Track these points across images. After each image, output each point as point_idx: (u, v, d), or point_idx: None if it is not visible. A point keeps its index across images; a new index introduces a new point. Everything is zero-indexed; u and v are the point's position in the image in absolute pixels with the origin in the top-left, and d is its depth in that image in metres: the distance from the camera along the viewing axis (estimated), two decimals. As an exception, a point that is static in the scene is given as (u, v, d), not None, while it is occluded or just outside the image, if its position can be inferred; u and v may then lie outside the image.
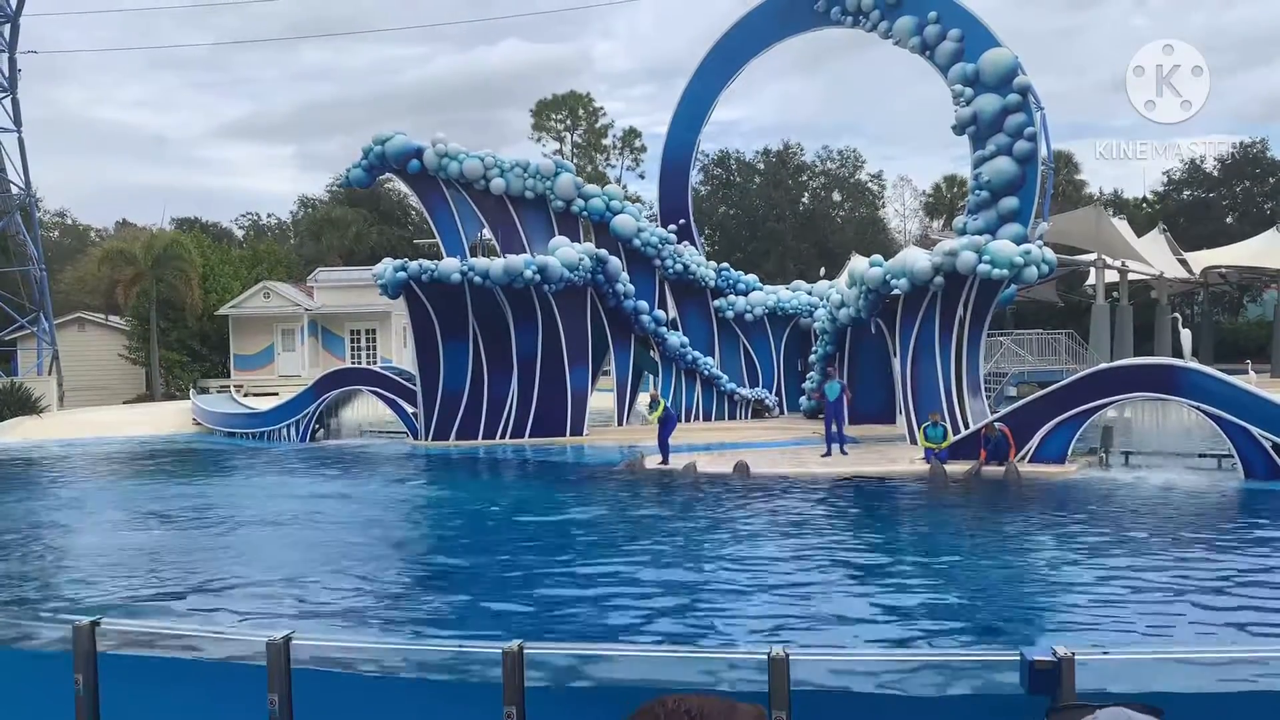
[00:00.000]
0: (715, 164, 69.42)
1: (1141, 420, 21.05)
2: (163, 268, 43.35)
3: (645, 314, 27.34)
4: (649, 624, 8.90)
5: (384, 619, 9.28)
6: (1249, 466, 17.09)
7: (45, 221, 60.91)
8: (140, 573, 11.42)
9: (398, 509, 16.91)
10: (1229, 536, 13.16)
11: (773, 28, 27.74)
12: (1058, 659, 4.47)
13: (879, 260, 23.18)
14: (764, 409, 29.01)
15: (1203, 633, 8.44)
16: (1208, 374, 18.04)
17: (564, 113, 71.74)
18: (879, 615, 9.12)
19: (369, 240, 62.36)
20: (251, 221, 76.63)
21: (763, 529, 13.58)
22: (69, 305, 48.25)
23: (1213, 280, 51.35)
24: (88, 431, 30.24)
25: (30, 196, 40.84)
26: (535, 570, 11.15)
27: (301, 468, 22.29)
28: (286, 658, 5.01)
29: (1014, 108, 22.89)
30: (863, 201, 72.86)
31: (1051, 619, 9.14)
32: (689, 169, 30.21)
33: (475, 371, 25.65)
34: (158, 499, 17.82)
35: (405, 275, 24.91)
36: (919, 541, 13.24)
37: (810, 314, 28.67)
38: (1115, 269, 39.75)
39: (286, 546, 12.85)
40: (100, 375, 45.55)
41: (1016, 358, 33.75)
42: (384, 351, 45.27)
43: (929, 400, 21.42)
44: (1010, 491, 16.89)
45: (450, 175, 28.25)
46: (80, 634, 5.34)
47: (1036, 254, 20.90)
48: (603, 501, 16.65)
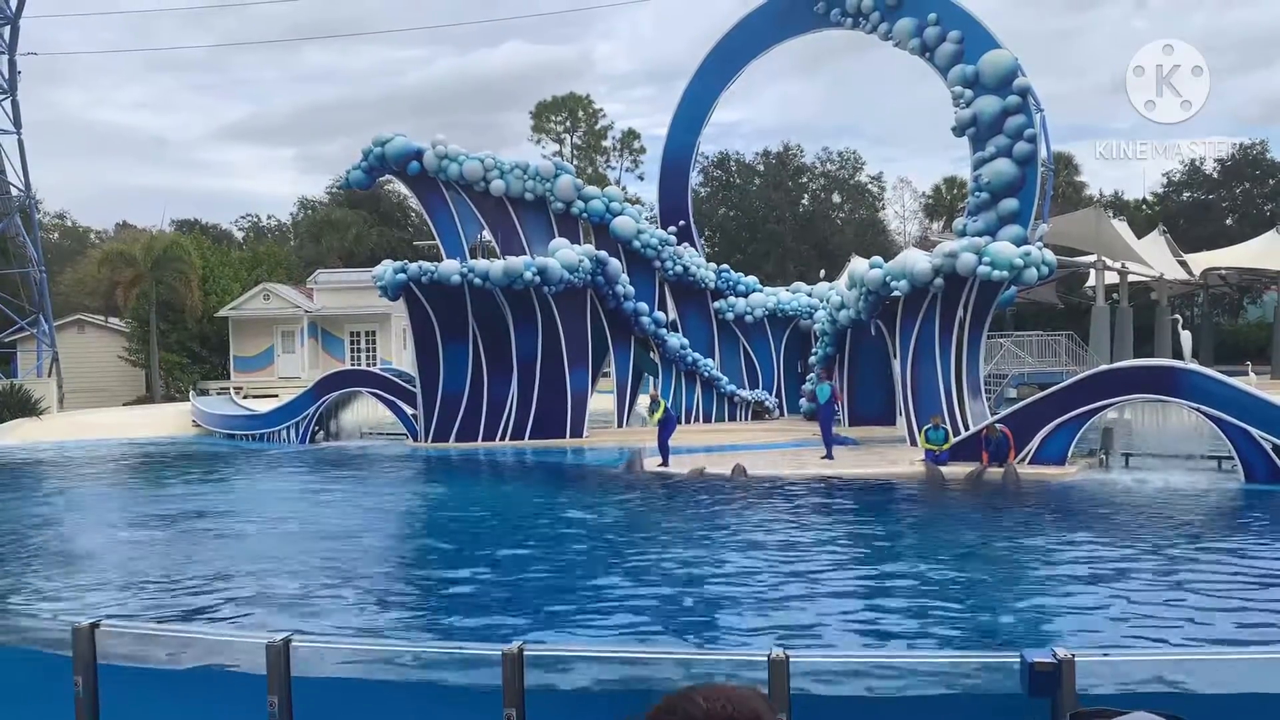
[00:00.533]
0: (715, 165, 69.43)
1: (1142, 422, 21.06)
2: (162, 270, 43.33)
3: (645, 315, 27.34)
4: (649, 626, 8.89)
5: (384, 621, 9.26)
6: (1249, 468, 17.08)
7: (45, 223, 60.91)
8: (138, 575, 11.41)
9: (397, 511, 16.90)
10: (1229, 539, 13.16)
11: (772, 29, 27.73)
12: (1058, 661, 4.47)
13: (879, 262, 23.19)
14: (764, 411, 29.00)
15: (1204, 635, 8.42)
16: (1208, 375, 18.03)
17: (563, 114, 71.75)
18: (877, 617, 9.11)
19: (369, 242, 62.35)
20: (251, 223, 76.65)
21: (755, 532, 13.56)
22: (69, 307, 48.25)
23: (1213, 282, 51.36)
24: (87, 433, 30.24)
25: (30, 198, 40.85)
26: (534, 572, 11.14)
27: (301, 470, 22.29)
28: (286, 660, 5.01)
29: (1014, 109, 22.89)
30: (862, 203, 72.86)
31: (1051, 620, 9.13)
32: (689, 170, 30.21)
33: (475, 373, 25.65)
34: (156, 501, 17.82)
35: (405, 277, 24.91)
36: (917, 544, 13.22)
37: (810, 316, 28.66)
38: (1115, 270, 39.75)
39: (285, 549, 12.84)
40: (100, 377, 45.52)
41: (1016, 359, 33.73)
42: (384, 353, 45.25)
43: (929, 401, 21.41)
44: (1010, 493, 16.88)
45: (450, 177, 28.25)
46: (80, 636, 5.34)
47: (1036, 255, 20.89)
48: (600, 504, 16.62)
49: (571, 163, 47.94)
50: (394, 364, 38.54)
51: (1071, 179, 65.33)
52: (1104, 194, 65.65)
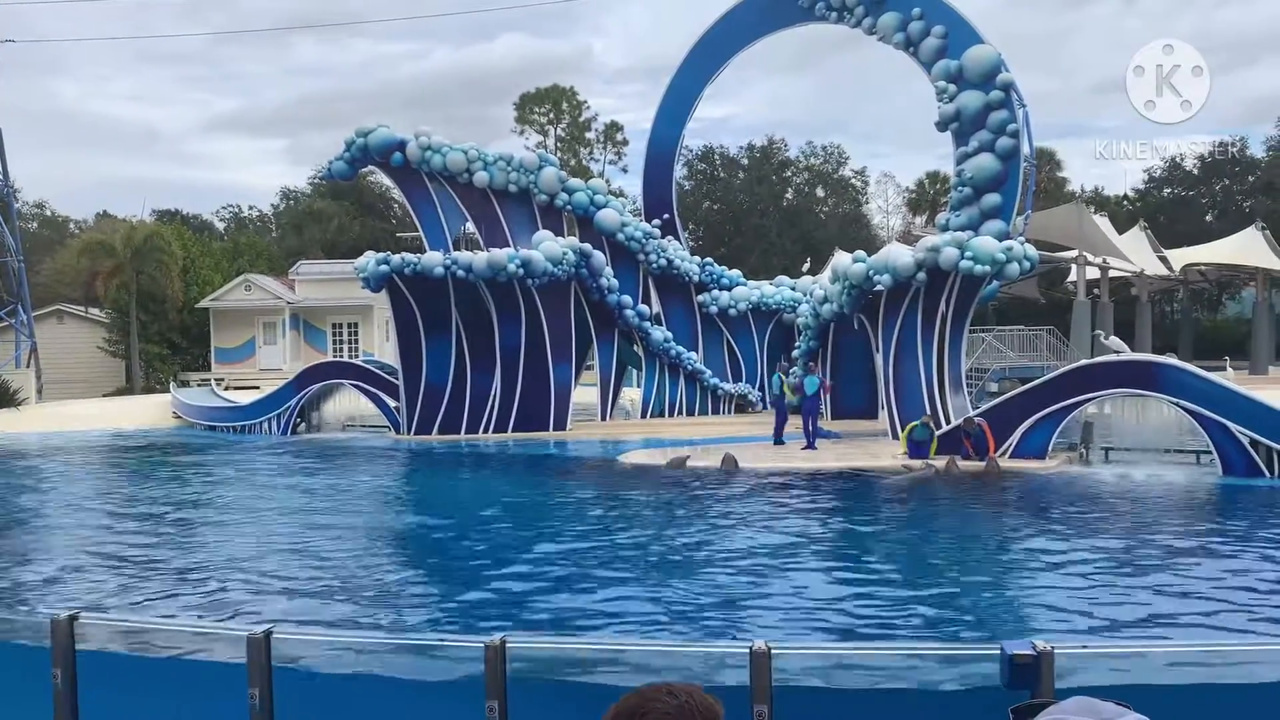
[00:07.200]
0: (699, 159, 69.42)
1: (1122, 416, 21.22)
2: (143, 260, 43.05)
3: (629, 309, 27.33)
4: (635, 618, 8.90)
5: (365, 613, 9.24)
6: (1227, 463, 17.24)
7: (24, 213, 60.38)
8: (117, 566, 11.34)
9: (379, 503, 16.85)
10: (1208, 532, 13.28)
11: (757, 23, 27.70)
12: (1037, 653, 4.50)
13: (862, 256, 23.26)
14: (747, 404, 29.06)
15: (1182, 626, 8.50)
16: (1187, 371, 18.18)
17: (547, 106, 71.53)
18: (859, 608, 9.15)
19: (351, 233, 62.08)
20: (233, 214, 76.18)
21: (743, 523, 13.59)
22: (48, 297, 47.88)
23: (1192, 278, 51.80)
24: (66, 424, 29.98)
25: (8, 187, 40.49)
26: (521, 564, 11.13)
27: (281, 461, 22.18)
28: (267, 652, 4.99)
29: (997, 105, 22.97)
30: (846, 197, 73.05)
31: (1031, 613, 9.20)
32: (673, 164, 30.16)
33: (458, 366, 25.58)
34: (136, 492, 17.71)
35: (388, 269, 24.81)
36: (900, 535, 13.29)
37: (793, 309, 28.72)
38: (1096, 266, 40.04)
39: (264, 540, 12.78)
40: (79, 368, 45.17)
41: (998, 354, 33.95)
42: (366, 345, 45.09)
43: (911, 395, 21.51)
44: (990, 486, 16.98)
45: (433, 168, 28.13)
46: (58, 628, 5.30)
47: (1018, 250, 20.99)
48: (597, 497, 16.63)
49: (555, 155, 47.78)
50: (376, 356, 38.41)
51: (1053, 174, 65.68)
52: (1085, 190, 66.06)
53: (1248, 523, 13.85)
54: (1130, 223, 51.05)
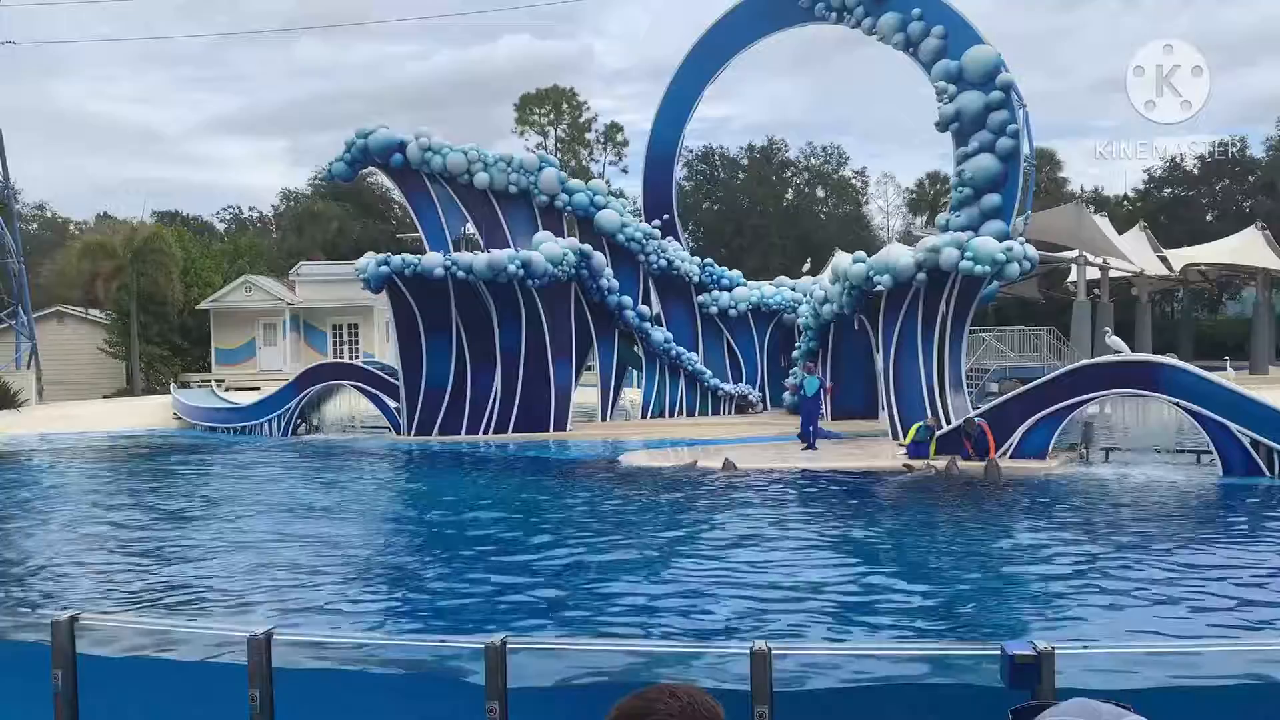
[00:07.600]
0: (699, 160, 69.41)
1: (1122, 416, 21.22)
2: (143, 261, 43.05)
3: (629, 309, 27.32)
4: (635, 618, 8.90)
5: (366, 615, 9.24)
6: (1227, 463, 17.22)
7: (24, 214, 60.39)
8: (118, 568, 11.35)
9: (380, 504, 16.85)
10: (1208, 532, 13.27)
11: (757, 23, 27.70)
12: (1038, 653, 4.50)
13: (862, 256, 23.25)
14: (748, 405, 29.04)
15: (1184, 627, 8.49)
16: (1187, 371, 18.17)
17: (547, 107, 71.54)
18: (859, 608, 9.14)
19: (351, 234, 62.10)
20: (233, 215, 76.20)
21: (743, 523, 13.58)
22: (48, 299, 47.86)
23: (1192, 278, 51.72)
24: (67, 426, 29.98)
25: (9, 189, 40.51)
26: (521, 564, 11.14)
27: (281, 462, 22.18)
28: (268, 653, 4.99)
29: (997, 105, 22.97)
30: (846, 198, 73.04)
31: (1032, 613, 9.19)
32: (673, 165, 30.16)
33: (458, 366, 25.58)
34: (137, 493, 17.70)
35: (388, 269, 24.82)
36: (900, 535, 13.28)
37: (794, 310, 28.70)
38: (1096, 266, 39.99)
39: (265, 540, 12.78)
40: (80, 369, 45.18)
41: (998, 354, 33.94)
42: (366, 346, 45.10)
43: (912, 396, 21.50)
44: (991, 487, 16.97)
45: (433, 169, 28.13)
46: (59, 629, 5.30)
47: (1018, 251, 20.99)
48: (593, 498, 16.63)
49: (555, 155, 47.78)
50: (376, 357, 38.41)
51: (1053, 174, 65.67)
52: (1085, 190, 66.05)
53: (1248, 523, 13.85)
54: (1130, 223, 50.99)
